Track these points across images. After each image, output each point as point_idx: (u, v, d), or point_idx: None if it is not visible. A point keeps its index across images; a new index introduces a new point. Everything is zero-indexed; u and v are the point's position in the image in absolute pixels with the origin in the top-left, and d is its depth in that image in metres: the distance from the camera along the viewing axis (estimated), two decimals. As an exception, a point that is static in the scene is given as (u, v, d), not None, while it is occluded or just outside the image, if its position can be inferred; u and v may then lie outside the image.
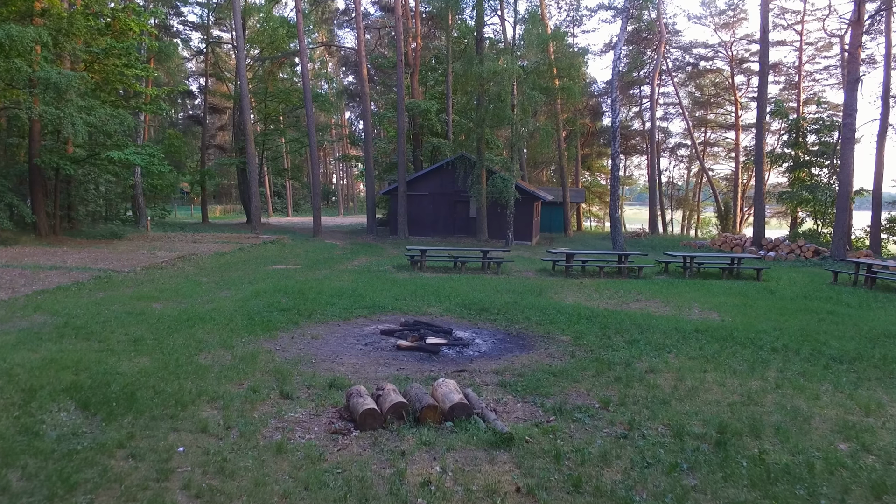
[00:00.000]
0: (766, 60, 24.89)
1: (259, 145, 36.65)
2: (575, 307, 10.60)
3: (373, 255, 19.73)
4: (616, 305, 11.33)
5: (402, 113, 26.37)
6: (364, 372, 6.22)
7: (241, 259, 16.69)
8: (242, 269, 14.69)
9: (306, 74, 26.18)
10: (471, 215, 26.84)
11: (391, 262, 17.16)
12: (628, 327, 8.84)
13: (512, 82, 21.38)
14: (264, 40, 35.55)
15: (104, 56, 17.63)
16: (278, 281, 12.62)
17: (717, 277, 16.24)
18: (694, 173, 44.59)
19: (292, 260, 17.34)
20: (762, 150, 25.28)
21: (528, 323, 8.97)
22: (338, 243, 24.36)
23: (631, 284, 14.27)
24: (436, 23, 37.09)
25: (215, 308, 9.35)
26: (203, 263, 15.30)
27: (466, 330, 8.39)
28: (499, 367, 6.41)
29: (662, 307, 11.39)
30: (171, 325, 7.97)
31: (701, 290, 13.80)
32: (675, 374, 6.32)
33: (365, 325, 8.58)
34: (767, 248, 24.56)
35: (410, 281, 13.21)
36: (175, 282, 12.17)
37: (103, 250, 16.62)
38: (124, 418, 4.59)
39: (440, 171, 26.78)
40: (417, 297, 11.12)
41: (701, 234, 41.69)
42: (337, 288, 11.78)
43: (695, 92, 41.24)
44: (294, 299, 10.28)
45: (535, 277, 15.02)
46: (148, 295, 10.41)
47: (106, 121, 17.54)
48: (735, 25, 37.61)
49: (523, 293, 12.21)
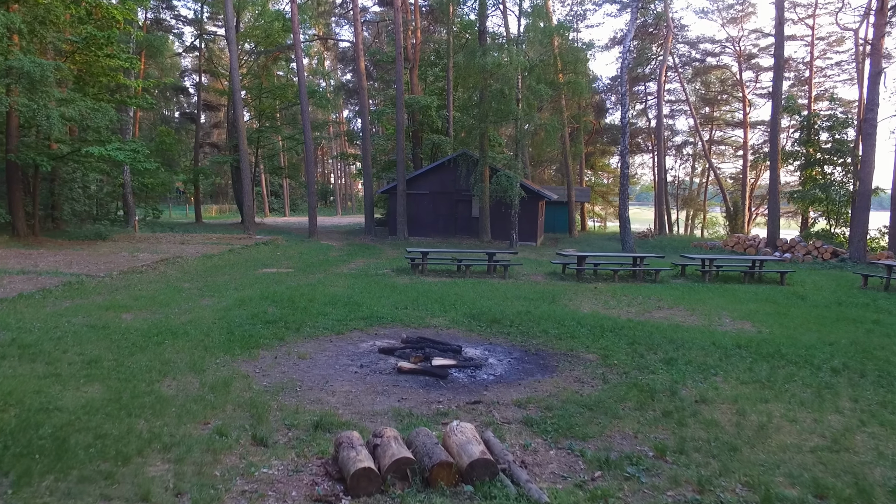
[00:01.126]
0: (781, 53, 23.89)
1: (253, 143, 35.55)
2: (594, 317, 9.56)
3: (371, 258, 18.66)
4: (638, 314, 10.28)
5: (401, 109, 25.29)
6: (358, 403, 5.16)
7: (229, 262, 15.61)
8: (229, 274, 13.62)
9: (301, 69, 25.11)
10: (473, 215, 25.77)
11: (390, 265, 16.09)
12: (659, 342, 7.80)
13: (517, 75, 20.32)
14: (259, 35, 34.44)
15: (84, 46, 16.53)
16: (267, 287, 11.55)
17: (738, 281, 15.23)
18: (699, 171, 43.57)
19: (285, 262, 16.27)
20: (777, 147, 24.28)
21: (547, 337, 7.92)
22: (334, 244, 23.28)
23: (649, 290, 13.24)
24: (435, 17, 36.01)
25: (192, 320, 8.28)
26: (187, 267, 14.22)
27: (477, 347, 7.33)
28: (521, 398, 5.35)
29: (689, 316, 10.35)
30: (136, 341, 6.90)
31: (725, 296, 12.77)
32: (733, 406, 5.26)
33: (361, 340, 7.51)
34: (783, 250, 23.54)
35: (411, 286, 12.15)
36: (153, 288, 11.09)
37: (82, 252, 15.54)
38: (43, 480, 3.51)
39: (441, 169, 25.71)
40: (419, 305, 10.06)
41: (707, 233, 40.68)
42: (331, 295, 10.71)
43: (701, 89, 40.21)
44: (282, 308, 9.21)
45: (545, 282, 13.97)
46: (119, 304, 9.33)
47: (86, 114, 16.45)
48: (743, 20, 36.60)
49: (535, 300, 11.16)
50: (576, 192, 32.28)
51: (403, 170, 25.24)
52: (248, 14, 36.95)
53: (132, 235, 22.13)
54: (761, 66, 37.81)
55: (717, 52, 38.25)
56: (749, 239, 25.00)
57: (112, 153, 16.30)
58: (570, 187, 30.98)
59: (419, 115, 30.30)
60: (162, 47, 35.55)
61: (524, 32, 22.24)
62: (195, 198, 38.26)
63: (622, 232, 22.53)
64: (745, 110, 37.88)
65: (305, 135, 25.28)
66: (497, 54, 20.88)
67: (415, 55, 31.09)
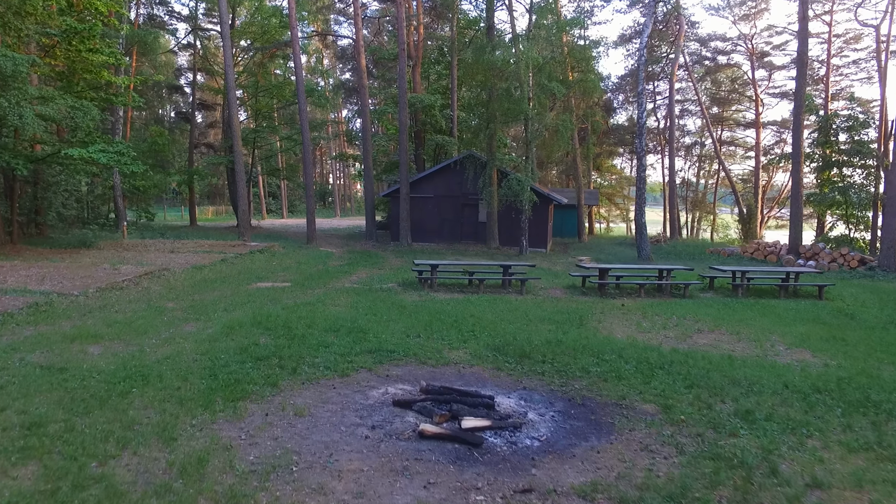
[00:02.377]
0: (804, 51, 22.69)
1: (250, 143, 34.30)
2: (634, 346, 8.35)
3: (373, 267, 17.44)
4: (679, 341, 9.09)
5: (404, 108, 24.06)
6: (373, 495, 3.94)
7: (220, 274, 14.37)
8: (220, 289, 12.38)
9: (299, 66, 23.85)
10: (480, 220, 24.55)
11: (395, 278, 14.87)
12: (720, 382, 6.61)
13: (528, 73, 19.11)
14: (255, 31, 33.17)
15: (64, 39, 15.27)
16: (260, 307, 10.32)
17: (773, 296, 14.06)
18: (709, 173, 42.38)
19: (281, 274, 15.03)
20: (800, 149, 23.12)
21: (589, 378, 6.70)
22: (334, 251, 22.05)
23: (680, 307, 12.04)
24: (438, 12, 34.79)
25: (170, 355, 7.05)
26: (174, 281, 12.98)
27: (510, 394, 6.11)
28: (584, 484, 4.13)
29: (736, 342, 9.16)
30: (97, 391, 5.67)
31: (766, 314, 11.59)
32: (860, 495, 4.05)
33: (370, 384, 6.28)
34: (806, 257, 22.36)
35: (421, 305, 10.93)
36: (132, 310, 9.85)
37: (60, 264, 14.28)
38: None
39: (446, 172, 24.49)
40: (434, 331, 8.84)
41: (717, 236, 39.50)
42: (332, 318, 9.49)
43: (711, 88, 39.03)
44: (276, 338, 7.99)
45: (566, 298, 12.76)
46: (89, 332, 8.09)
47: (66, 114, 15.20)
48: (756, 16, 35.43)
49: (562, 323, 9.95)
50: (584, 195, 31.08)
51: (407, 173, 24.02)
52: (244, 10, 35.70)
53: (119, 242, 20.87)
54: (774, 65, 36.71)
55: (729, 50, 37.10)
56: (770, 245, 23.81)
57: (94, 155, 15.04)
58: (579, 190, 29.78)
59: (422, 115, 29.11)
60: (154, 44, 34.25)
61: (534, 28, 21.02)
62: (190, 200, 36.99)
63: (638, 238, 21.35)
64: (758, 110, 36.72)
65: (304, 136, 24.04)
66: (504, 51, 19.67)
67: (417, 52, 29.89)
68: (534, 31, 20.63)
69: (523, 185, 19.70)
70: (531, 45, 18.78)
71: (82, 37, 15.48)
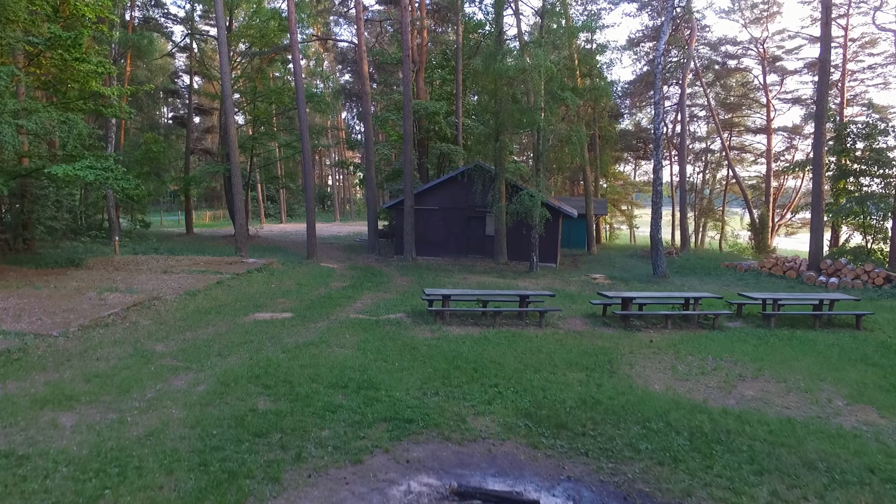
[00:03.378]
0: (827, 57, 21.78)
1: (248, 150, 33.30)
2: (678, 405, 7.46)
3: (378, 289, 16.49)
4: (724, 392, 8.21)
5: (408, 117, 23.10)
6: None
7: (216, 303, 13.40)
8: (215, 322, 11.42)
9: (299, 71, 22.86)
10: (487, 233, 23.61)
11: (403, 304, 13.92)
12: (791, 464, 5.73)
13: (541, 81, 18.17)
14: (254, 34, 32.14)
15: (48, 48, 14.28)
16: (258, 349, 9.37)
17: (805, 324, 13.17)
18: (718, 179, 41.49)
19: (281, 301, 14.07)
20: (821, 159, 22.18)
21: (641, 460, 5.78)
22: (335, 268, 21.09)
23: (713, 343, 11.13)
24: (442, 15, 33.84)
25: (154, 430, 6.10)
26: (165, 314, 12.01)
27: (554, 488, 5.18)
28: None
29: (786, 395, 8.28)
30: (62, 496, 4.72)
31: (807, 351, 10.69)
32: None
33: (388, 477, 5.33)
34: (828, 273, 21.47)
35: (435, 346, 9.98)
36: (116, 356, 8.89)
37: (43, 291, 13.29)
38: None
39: (451, 183, 23.53)
40: (453, 385, 7.92)
41: (726, 245, 38.58)
42: (339, 365, 8.56)
43: (721, 92, 38.12)
44: (277, 399, 7.07)
45: (588, 331, 11.83)
46: (64, 392, 7.14)
47: (50, 127, 14.23)
48: (769, 20, 34.50)
49: (591, 369, 9.02)
50: (594, 205, 30.15)
51: (411, 184, 23.06)
52: (242, 13, 34.67)
53: (111, 259, 19.89)
54: (787, 70, 35.78)
55: (740, 55, 36.17)
56: (789, 260, 22.89)
57: (80, 172, 14.06)
58: (588, 200, 28.84)
59: (425, 122, 28.15)
60: (150, 48, 33.24)
61: (545, 34, 20.08)
62: (186, 207, 36.01)
63: (654, 255, 20.43)
64: (769, 115, 35.82)
65: (303, 143, 23.00)
66: (516, 59, 18.72)
67: (421, 56, 28.91)
68: (545, 37, 19.70)
69: (535, 200, 18.76)
70: (545, 52, 17.85)
71: (67, 45, 14.49)
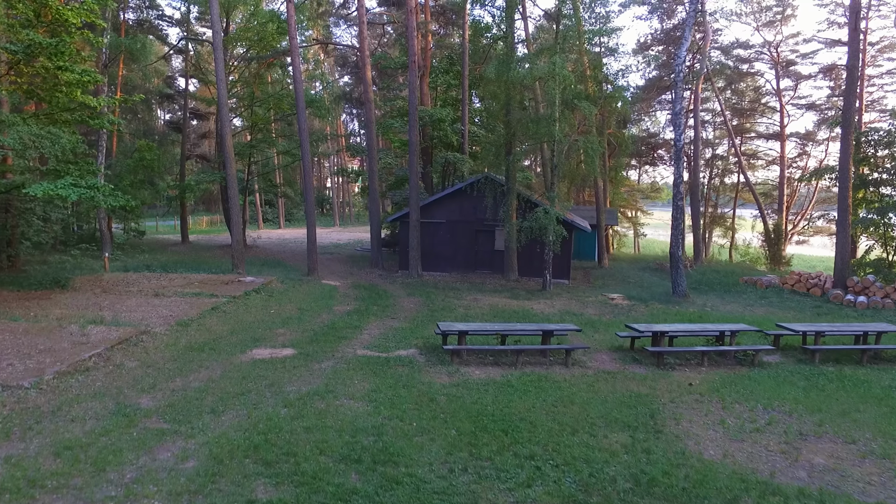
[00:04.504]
0: (855, 64, 20.70)
1: (245, 157, 32.19)
2: (745, 485, 6.47)
3: (386, 313, 15.41)
4: (792, 464, 7.20)
5: (414, 126, 22.02)
6: None
7: (210, 336, 12.29)
8: (209, 363, 10.33)
9: (299, 77, 21.72)
10: (496, 248, 22.54)
11: (414, 335, 12.86)
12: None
13: (559, 90, 17.10)
14: (252, 37, 31.02)
15: (26, 55, 13.15)
16: (257, 404, 8.29)
17: (852, 359, 12.16)
18: (724, 185, 40.45)
19: (281, 332, 12.97)
20: (848, 172, 21.15)
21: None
22: (338, 286, 20.00)
23: (758, 386, 10.11)
24: (447, 18, 32.76)
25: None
26: (153, 352, 10.90)
27: None
28: None
29: (860, 463, 7.27)
30: None
31: (866, 398, 9.67)
32: None
33: None
34: (855, 291, 20.43)
35: (456, 397, 8.91)
36: (95, 414, 7.80)
37: (20, 325, 12.15)
38: None
39: (459, 195, 22.45)
40: (482, 456, 6.86)
41: (737, 255, 37.55)
42: (349, 427, 7.52)
43: (732, 98, 37.10)
44: (280, 482, 6.03)
45: (619, 372, 10.77)
46: (26, 475, 6.02)
47: (29, 142, 13.12)
48: (784, 22, 33.49)
49: (635, 428, 7.98)
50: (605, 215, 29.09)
51: (417, 197, 21.98)
52: (240, 14, 33.54)
53: (100, 278, 18.78)
54: (801, 74, 34.75)
55: (752, 59, 35.15)
56: (813, 277, 21.85)
57: (62, 191, 12.95)
58: (599, 211, 27.78)
59: (430, 129, 27.09)
60: (143, 51, 32.04)
61: (560, 39, 19.01)
62: (182, 215, 34.85)
63: (674, 272, 19.39)
64: (783, 121, 34.82)
65: (303, 153, 21.85)
66: (532, 66, 17.65)
67: (425, 61, 27.85)
68: (560, 43, 18.65)
69: (550, 217, 17.70)
70: (562, 58, 16.81)
71: (49, 53, 13.38)
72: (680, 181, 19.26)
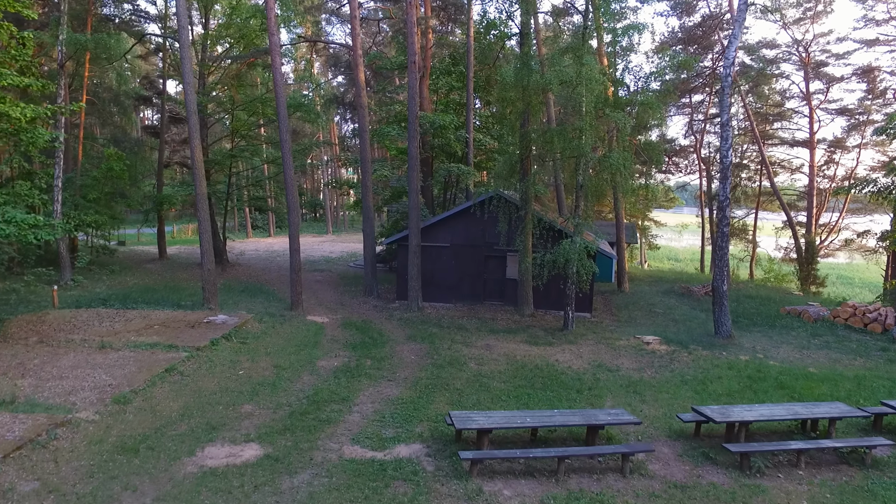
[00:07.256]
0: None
1: (226, 166, 29.31)
2: None
3: (381, 371, 12.61)
4: None
5: (414, 136, 19.20)
6: None
7: (153, 423, 9.45)
8: (139, 482, 7.51)
9: (279, 80, 18.83)
10: (508, 276, 19.77)
11: (418, 415, 10.07)
12: None
13: (590, 97, 14.37)
14: (233, 34, 28.11)
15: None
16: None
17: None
18: (750, 196, 37.80)
19: (248, 411, 10.16)
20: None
21: None
22: (325, 323, 17.19)
23: None
24: (448, 14, 29.95)
25: None
26: (64, 464, 8.05)
27: None
28: None
29: None
30: None
31: None
32: None
33: None
34: (924, 328, 17.74)
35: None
36: None
37: None
38: None
39: (465, 216, 19.65)
40: None
41: (761, 271, 34.83)
42: None
43: (756, 101, 34.41)
44: None
45: (694, 485, 8.01)
46: None
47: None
48: (814, 20, 30.81)
49: None
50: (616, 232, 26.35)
51: (418, 218, 19.17)
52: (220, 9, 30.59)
53: (44, 317, 15.91)
54: (833, 77, 32.09)
55: (779, 59, 32.45)
56: (871, 311, 19.09)
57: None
58: (620, 229, 25.03)
59: (431, 137, 24.31)
60: (117, 48, 29.04)
61: (587, 35, 16.26)
62: (159, 229, 31.90)
63: (717, 311, 16.67)
64: (812, 127, 32.17)
65: (285, 162, 18.91)
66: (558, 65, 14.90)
67: (425, 60, 25.06)
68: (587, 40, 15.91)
69: (579, 250, 14.95)
70: (594, 61, 14.10)
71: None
72: (726, 202, 16.65)
